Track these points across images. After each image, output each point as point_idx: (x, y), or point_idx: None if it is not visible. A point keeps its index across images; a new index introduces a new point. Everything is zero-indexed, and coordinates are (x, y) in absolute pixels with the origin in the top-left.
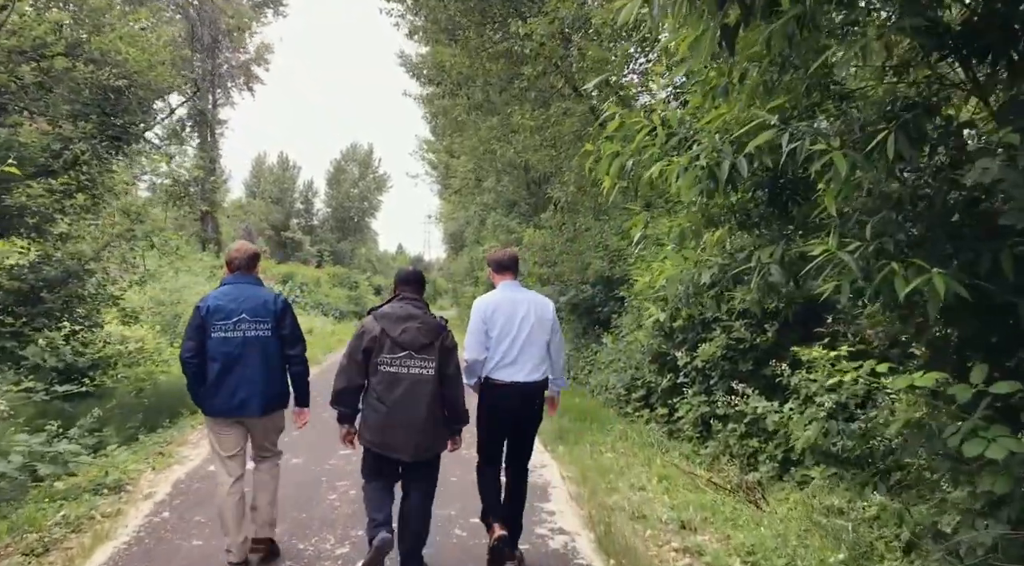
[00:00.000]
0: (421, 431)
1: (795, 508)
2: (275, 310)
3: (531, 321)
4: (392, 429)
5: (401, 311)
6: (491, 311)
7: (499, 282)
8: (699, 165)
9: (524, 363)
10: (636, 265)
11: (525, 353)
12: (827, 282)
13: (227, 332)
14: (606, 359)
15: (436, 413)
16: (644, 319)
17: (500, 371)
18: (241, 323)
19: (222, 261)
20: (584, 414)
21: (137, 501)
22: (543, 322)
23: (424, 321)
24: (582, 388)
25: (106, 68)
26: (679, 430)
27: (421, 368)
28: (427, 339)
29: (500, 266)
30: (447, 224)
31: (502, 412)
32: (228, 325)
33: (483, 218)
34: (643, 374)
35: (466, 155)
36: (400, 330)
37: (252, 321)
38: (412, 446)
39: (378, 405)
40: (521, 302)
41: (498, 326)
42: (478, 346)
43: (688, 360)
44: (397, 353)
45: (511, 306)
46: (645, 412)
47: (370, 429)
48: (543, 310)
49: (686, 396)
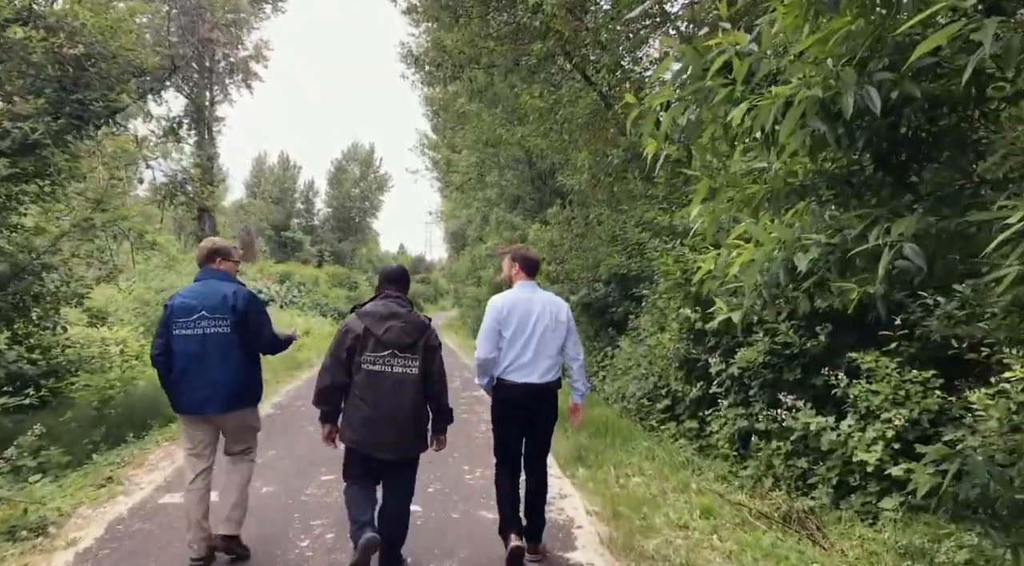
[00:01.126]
0: (404, 430)
1: (863, 546)
2: (233, 305)
3: (545, 322)
4: (375, 428)
5: (384, 310)
6: (506, 312)
7: (519, 281)
8: (807, 97)
9: (538, 365)
10: (661, 259)
11: (539, 355)
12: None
13: (187, 329)
14: (623, 364)
15: (419, 412)
16: (668, 320)
17: (514, 373)
18: (201, 320)
19: None
20: (603, 427)
21: (55, 550)
22: (558, 323)
23: (408, 319)
24: (596, 395)
25: (60, 34)
26: (711, 446)
27: (405, 367)
28: (411, 338)
29: (528, 265)
30: (448, 223)
31: (516, 414)
32: (188, 322)
33: (486, 214)
34: (668, 382)
35: (468, 149)
36: (384, 329)
37: (211, 318)
38: (395, 445)
39: (361, 404)
40: (536, 302)
41: (512, 327)
42: (489, 345)
43: (723, 367)
44: (380, 352)
45: (526, 306)
46: (671, 425)
47: (353, 428)
48: (558, 311)
49: (720, 408)
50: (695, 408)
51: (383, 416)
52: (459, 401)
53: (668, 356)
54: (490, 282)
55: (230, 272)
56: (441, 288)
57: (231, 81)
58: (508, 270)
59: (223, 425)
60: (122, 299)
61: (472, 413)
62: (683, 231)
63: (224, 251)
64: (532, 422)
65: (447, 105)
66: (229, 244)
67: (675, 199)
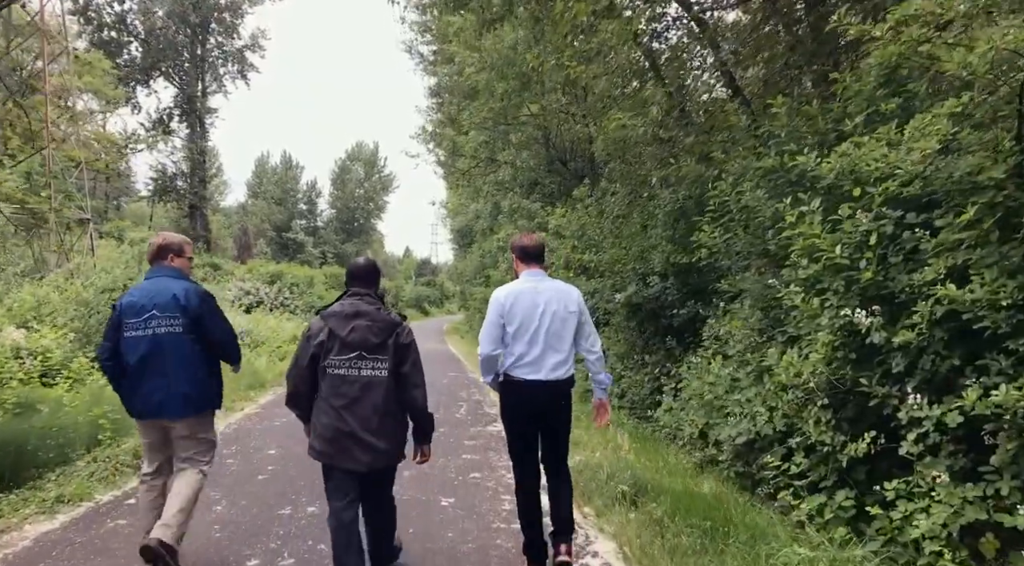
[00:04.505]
0: (374, 438)
1: None
2: (185, 305)
3: (552, 312)
4: (342, 438)
5: (350, 309)
6: (509, 304)
7: (523, 271)
8: None
9: (546, 360)
10: (803, 224)
11: (548, 349)
12: None
13: (137, 330)
14: (697, 389)
15: (391, 419)
16: (809, 327)
17: (520, 369)
18: (151, 320)
19: (206, 260)
20: (687, 500)
21: None
22: (568, 314)
23: (374, 318)
24: (644, 425)
25: None
26: (895, 542)
27: (374, 369)
28: (378, 338)
29: (525, 253)
30: (455, 220)
31: (526, 412)
32: (138, 322)
33: (498, 201)
34: (802, 427)
35: (476, 128)
36: (348, 329)
37: (162, 317)
38: (364, 455)
39: (327, 411)
40: (542, 292)
41: (517, 320)
42: (491, 340)
43: (930, 411)
44: (346, 354)
45: (531, 297)
46: (804, 500)
47: (320, 438)
48: (567, 300)
49: (919, 480)
50: (855, 472)
51: (350, 424)
52: (465, 439)
53: (807, 386)
54: (501, 281)
55: (183, 269)
56: (447, 291)
57: (226, 71)
58: (513, 263)
59: (172, 430)
60: (58, 299)
61: (486, 456)
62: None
63: (176, 247)
64: (543, 422)
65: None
66: (181, 239)
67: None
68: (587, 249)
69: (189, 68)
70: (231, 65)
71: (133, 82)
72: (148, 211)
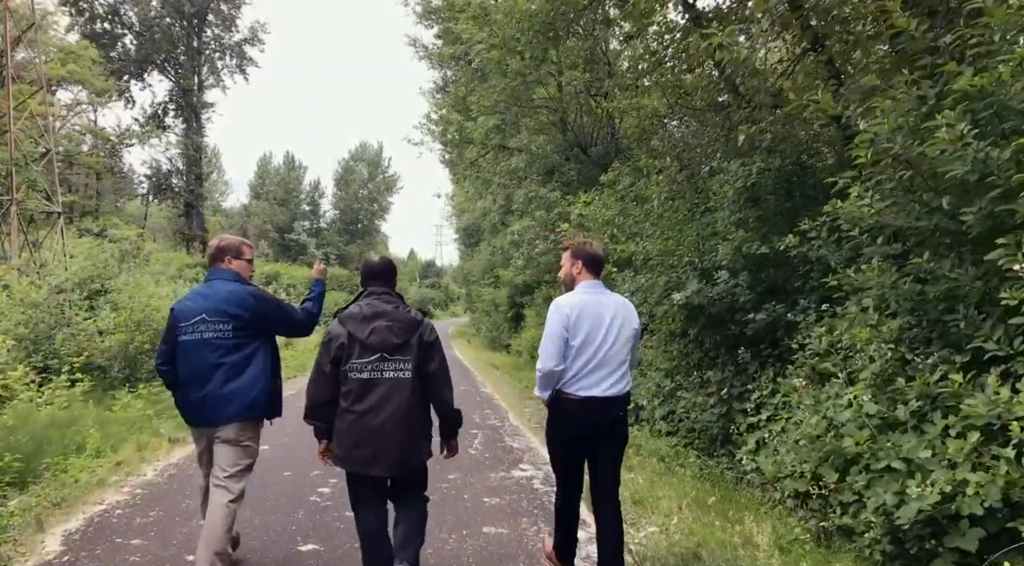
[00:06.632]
0: (399, 441)
1: None
2: (235, 310)
3: (618, 328)
4: (366, 443)
5: (368, 310)
6: (575, 316)
7: (583, 282)
8: None
9: (606, 376)
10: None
11: (608, 364)
12: None
13: (187, 334)
14: (814, 426)
15: (417, 421)
16: None
17: (575, 384)
18: (200, 324)
19: (197, 260)
20: None
21: None
22: (633, 331)
23: (395, 317)
24: (712, 464)
25: None
26: None
27: (397, 371)
28: (400, 338)
29: (594, 262)
30: (460, 218)
31: (579, 433)
32: (188, 327)
33: (510, 193)
34: None
35: (487, 112)
36: (368, 331)
37: (211, 321)
38: (391, 459)
39: (349, 416)
40: (608, 306)
41: (583, 333)
42: (555, 354)
43: None
44: (368, 357)
45: (596, 309)
46: None
47: (343, 445)
48: (631, 316)
49: None
50: None
51: (373, 427)
52: (484, 494)
53: None
54: (511, 282)
55: (241, 271)
56: (452, 293)
57: (223, 65)
58: (569, 268)
59: (215, 439)
60: (4, 301)
61: (517, 528)
62: None
63: (234, 249)
64: (598, 442)
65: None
66: (240, 241)
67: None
68: (629, 238)
69: (185, 61)
70: (229, 59)
71: (126, 75)
72: (144, 210)
